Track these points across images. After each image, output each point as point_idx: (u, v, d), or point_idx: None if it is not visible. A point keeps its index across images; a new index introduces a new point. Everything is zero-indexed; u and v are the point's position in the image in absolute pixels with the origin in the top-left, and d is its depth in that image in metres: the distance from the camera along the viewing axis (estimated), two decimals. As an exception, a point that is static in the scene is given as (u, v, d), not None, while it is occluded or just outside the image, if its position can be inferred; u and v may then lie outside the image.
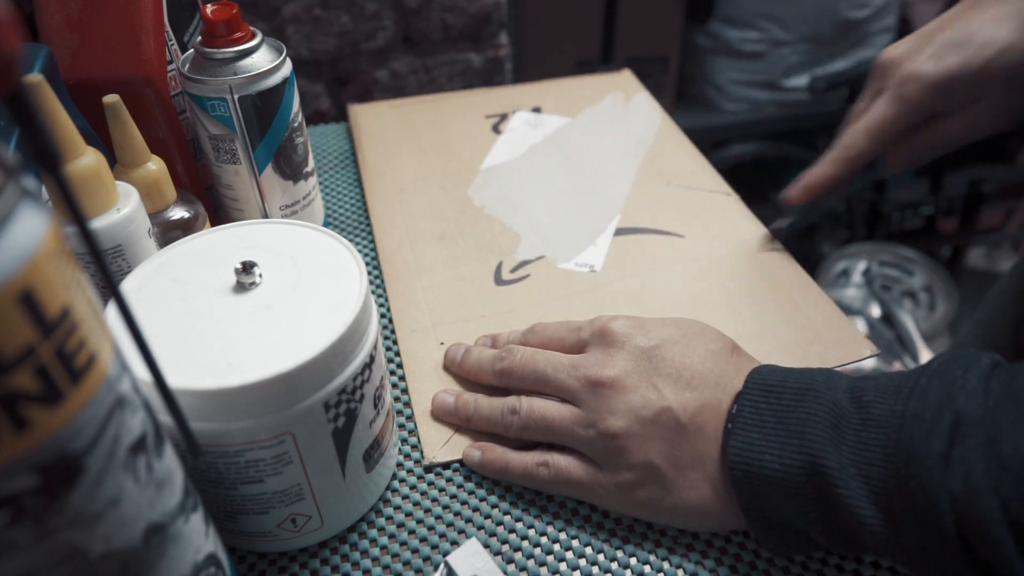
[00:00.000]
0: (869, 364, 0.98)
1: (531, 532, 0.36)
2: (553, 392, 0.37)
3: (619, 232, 0.53)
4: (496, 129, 0.64)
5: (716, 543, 0.35)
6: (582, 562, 0.35)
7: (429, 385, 0.43)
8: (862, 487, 0.28)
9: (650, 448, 0.34)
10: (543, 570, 0.35)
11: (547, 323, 0.41)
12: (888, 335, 1.34)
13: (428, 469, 0.39)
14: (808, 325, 0.45)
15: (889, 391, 0.30)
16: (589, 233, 0.53)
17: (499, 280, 0.50)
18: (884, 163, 0.45)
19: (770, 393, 0.32)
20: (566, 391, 0.36)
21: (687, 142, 0.63)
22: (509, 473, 0.37)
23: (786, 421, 0.31)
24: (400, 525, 0.37)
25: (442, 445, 0.39)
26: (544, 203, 0.56)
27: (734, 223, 0.54)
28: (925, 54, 0.41)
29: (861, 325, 1.36)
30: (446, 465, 0.39)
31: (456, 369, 0.43)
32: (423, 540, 0.36)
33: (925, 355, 1.29)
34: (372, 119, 0.66)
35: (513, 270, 0.50)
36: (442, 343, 0.45)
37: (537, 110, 0.67)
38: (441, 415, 0.41)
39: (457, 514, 0.37)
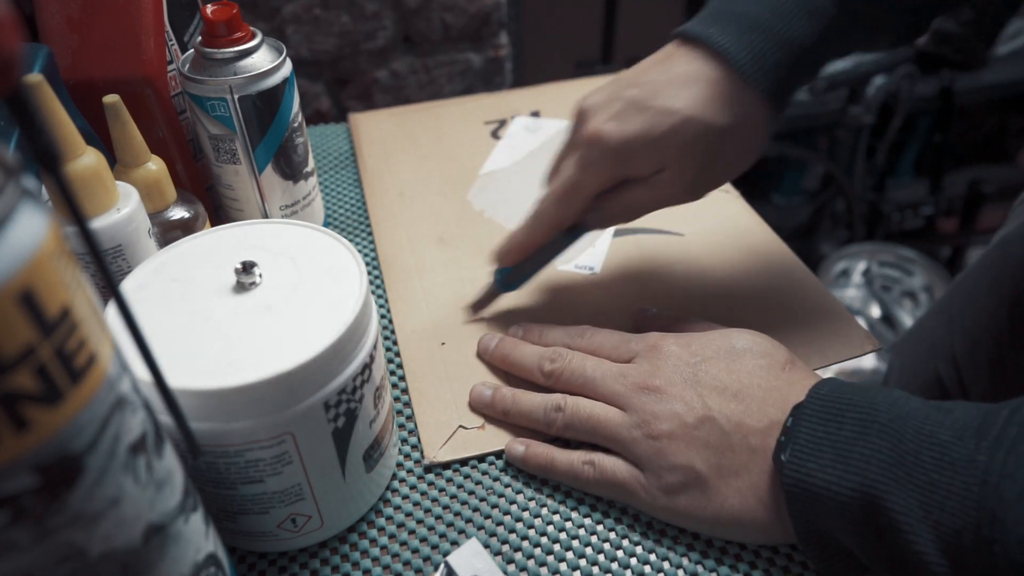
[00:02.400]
0: (870, 362, 0.98)
1: (531, 532, 0.36)
2: (600, 397, 0.38)
3: (618, 233, 0.53)
4: (495, 135, 0.64)
5: (716, 543, 0.35)
6: (582, 562, 0.35)
7: (429, 385, 0.43)
8: (930, 532, 0.27)
9: (693, 453, 0.34)
10: (543, 570, 0.35)
11: (597, 329, 0.42)
12: (888, 335, 1.34)
13: (428, 469, 0.39)
14: (810, 321, 0.45)
15: (968, 433, 0.28)
16: (588, 235, 0.53)
17: None
18: (588, 223, 0.44)
19: (827, 418, 0.31)
20: (613, 396, 0.37)
21: None
22: (554, 469, 0.37)
23: (846, 454, 0.30)
24: (400, 525, 0.37)
25: (442, 445, 0.40)
26: None
27: (735, 219, 0.54)
28: (612, 110, 0.39)
29: (861, 325, 1.36)
30: (446, 465, 0.39)
31: (489, 357, 0.43)
32: (423, 540, 0.36)
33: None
34: (372, 127, 0.66)
35: None
36: (443, 343, 0.45)
37: (536, 114, 0.67)
38: (478, 407, 0.41)
39: (457, 514, 0.37)
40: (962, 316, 0.60)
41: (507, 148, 0.63)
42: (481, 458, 0.39)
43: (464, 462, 0.39)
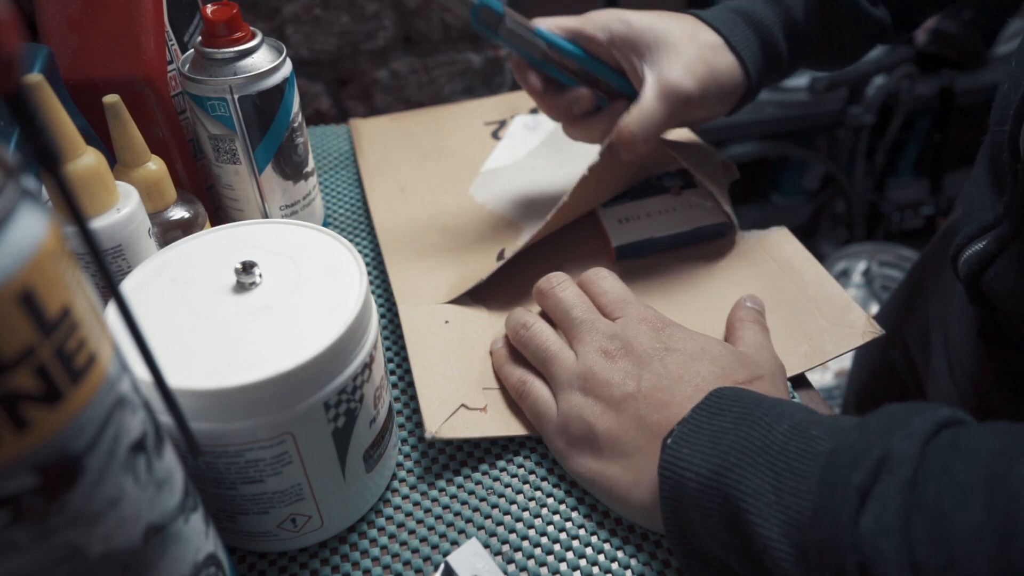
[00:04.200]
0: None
1: (531, 532, 0.36)
2: (566, 330, 0.41)
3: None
4: (495, 135, 0.65)
5: (716, 543, 0.35)
6: (582, 562, 0.35)
7: (432, 361, 0.42)
8: (778, 516, 0.27)
9: (605, 419, 0.36)
10: (543, 570, 0.35)
11: (614, 277, 0.43)
12: (888, 335, 1.34)
13: (428, 469, 0.39)
14: (814, 309, 0.45)
15: (838, 430, 0.28)
16: None
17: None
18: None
19: (714, 411, 0.32)
20: (575, 337, 0.39)
21: (685, 132, 0.63)
22: (501, 370, 0.42)
23: (718, 440, 0.31)
24: (400, 525, 0.37)
25: (443, 422, 0.39)
26: (545, 200, 0.56)
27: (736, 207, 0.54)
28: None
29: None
30: (446, 465, 0.39)
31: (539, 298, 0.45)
32: (423, 540, 0.36)
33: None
34: (373, 130, 0.66)
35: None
36: (447, 321, 0.45)
37: (535, 111, 0.67)
38: (493, 352, 0.44)
39: (457, 514, 0.37)
40: (914, 303, 0.61)
41: (508, 147, 0.63)
42: (481, 458, 0.39)
43: (464, 462, 0.39)
